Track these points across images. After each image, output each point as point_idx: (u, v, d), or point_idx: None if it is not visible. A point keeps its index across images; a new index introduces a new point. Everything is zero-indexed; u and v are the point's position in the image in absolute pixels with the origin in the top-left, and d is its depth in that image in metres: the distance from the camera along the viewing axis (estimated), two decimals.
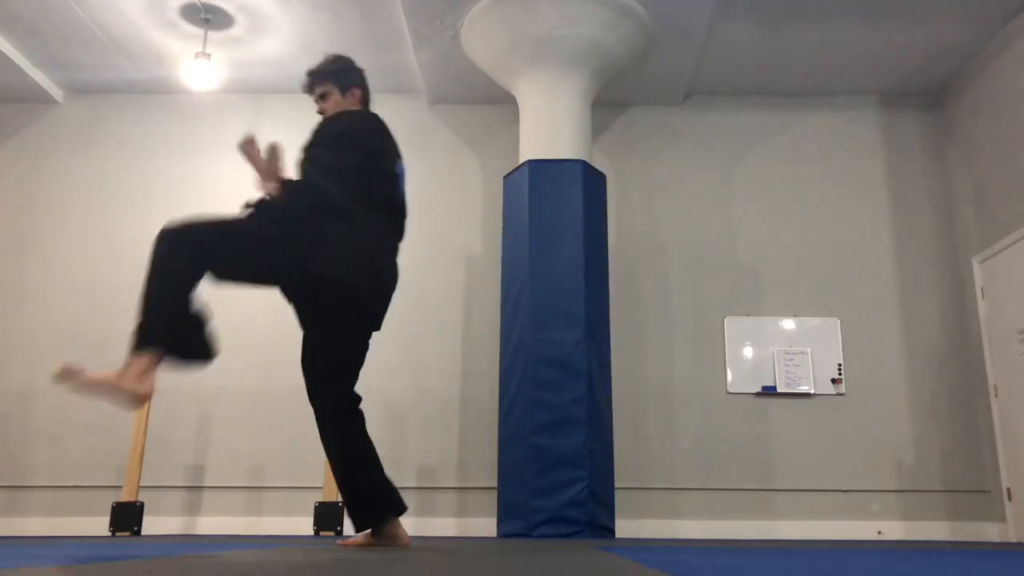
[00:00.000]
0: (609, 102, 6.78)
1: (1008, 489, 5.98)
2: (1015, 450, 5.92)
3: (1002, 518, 6.04)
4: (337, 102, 3.24)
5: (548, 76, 5.96)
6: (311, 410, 6.72)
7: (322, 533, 5.41)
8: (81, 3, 5.89)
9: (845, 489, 6.20)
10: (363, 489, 3.03)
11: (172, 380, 6.20)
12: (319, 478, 5.82)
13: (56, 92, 7.04)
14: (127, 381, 2.53)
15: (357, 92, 3.27)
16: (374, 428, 6.70)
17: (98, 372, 2.54)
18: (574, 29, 5.79)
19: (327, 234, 2.89)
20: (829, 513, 6.16)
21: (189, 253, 2.72)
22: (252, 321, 6.55)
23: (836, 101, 7.01)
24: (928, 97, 7.01)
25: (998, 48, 6.21)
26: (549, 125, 5.93)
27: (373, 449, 3.09)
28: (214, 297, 6.97)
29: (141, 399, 2.57)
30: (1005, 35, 6.11)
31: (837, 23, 6.07)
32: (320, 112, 3.25)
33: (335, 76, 3.25)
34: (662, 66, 6.43)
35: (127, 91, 7.05)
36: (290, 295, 3.12)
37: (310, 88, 3.26)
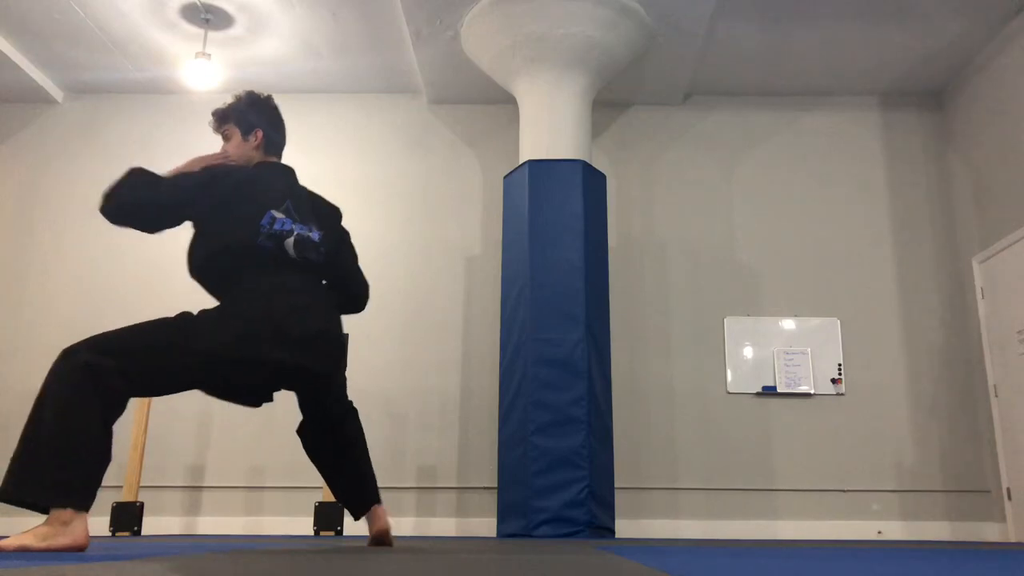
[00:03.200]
0: (609, 102, 6.79)
1: (1008, 489, 5.98)
2: (1015, 450, 5.92)
3: (1002, 518, 6.05)
4: (238, 144, 3.08)
5: (548, 76, 5.95)
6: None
7: (322, 533, 5.41)
8: (81, 3, 5.89)
9: (845, 489, 6.20)
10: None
11: None
12: (319, 478, 5.82)
13: (56, 92, 7.04)
14: (56, 540, 2.30)
15: (259, 134, 3.08)
16: (375, 428, 6.72)
17: (16, 539, 2.29)
18: (574, 29, 5.79)
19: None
20: (829, 513, 6.16)
21: None
22: None
23: (836, 101, 7.01)
24: (928, 97, 7.01)
25: (998, 48, 6.21)
26: (549, 125, 5.93)
27: None
28: (211, 297, 6.96)
29: (79, 549, 2.32)
30: (1005, 35, 6.11)
31: (837, 23, 6.07)
32: (222, 152, 3.10)
33: (237, 116, 3.09)
34: (662, 66, 6.43)
35: (127, 91, 7.05)
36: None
37: (216, 127, 3.11)
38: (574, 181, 5.73)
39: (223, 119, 3.09)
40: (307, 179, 7.14)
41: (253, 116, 3.08)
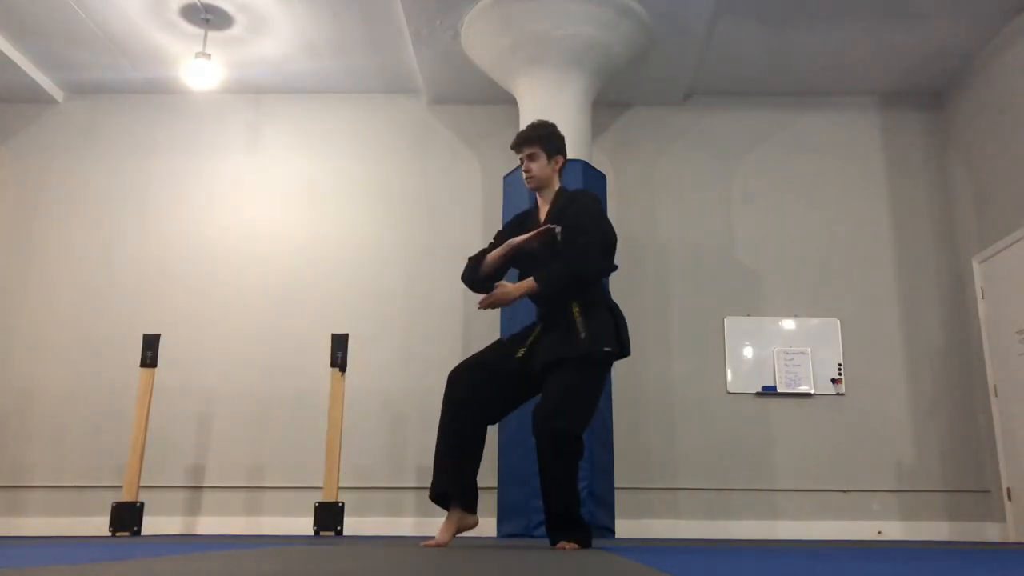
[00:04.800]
0: (609, 102, 6.77)
1: (1008, 489, 5.98)
2: (1015, 450, 5.92)
3: (1002, 518, 6.04)
4: (542, 166, 3.47)
5: (548, 76, 5.95)
6: (311, 410, 6.73)
7: (322, 533, 5.41)
8: (81, 3, 5.88)
9: (845, 489, 6.19)
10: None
11: (173, 379, 6.22)
12: (319, 478, 5.81)
13: (56, 92, 7.04)
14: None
15: (560, 160, 3.50)
16: (375, 427, 6.70)
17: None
18: (574, 29, 5.78)
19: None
20: (829, 513, 6.15)
21: None
22: (252, 322, 6.55)
23: (836, 101, 7.00)
24: (928, 97, 7.01)
25: (998, 48, 6.21)
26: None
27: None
28: (213, 298, 6.93)
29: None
30: (1005, 36, 6.10)
31: (837, 23, 6.06)
32: (525, 171, 3.50)
33: (544, 141, 3.49)
34: (662, 66, 6.42)
35: (127, 91, 7.04)
36: None
37: (519, 147, 3.48)
38: (574, 181, 5.70)
39: (528, 142, 3.48)
40: (307, 179, 7.14)
41: (556, 144, 3.51)
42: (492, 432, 5.93)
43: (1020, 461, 5.87)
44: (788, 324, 6.53)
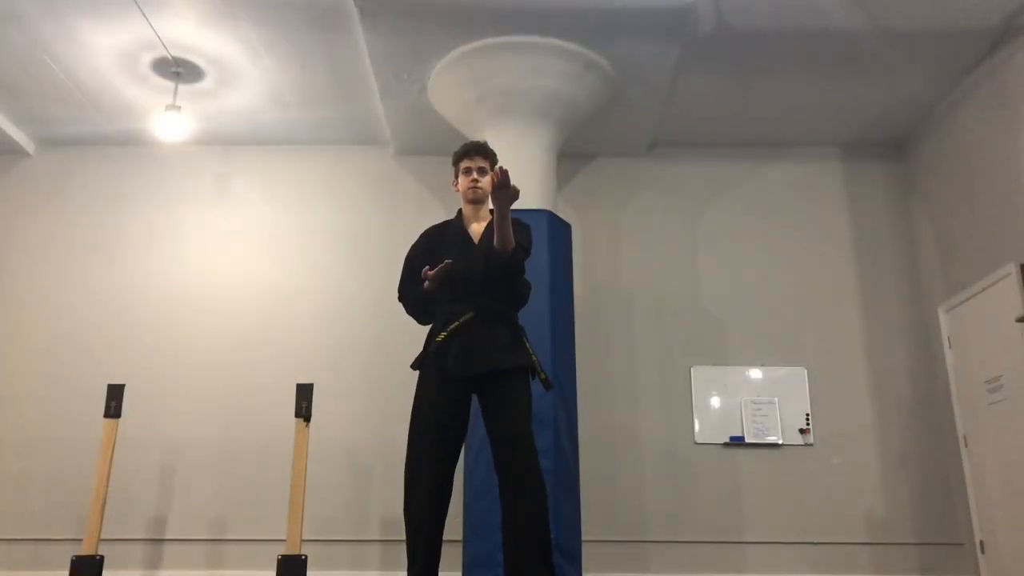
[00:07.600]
0: (574, 153, 6.83)
1: (981, 542, 5.90)
2: (987, 502, 5.85)
3: (975, 571, 5.95)
4: (488, 182, 3.52)
5: (514, 128, 6.00)
6: (275, 461, 6.65)
7: None
8: (55, 58, 5.95)
9: (815, 542, 6.11)
10: None
11: (135, 430, 6.16)
12: (282, 531, 5.73)
13: (28, 144, 7.08)
14: None
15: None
16: (339, 479, 6.58)
17: None
18: (539, 82, 5.85)
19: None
20: (799, 566, 6.06)
21: None
22: (216, 372, 6.52)
23: (799, 152, 7.07)
24: (890, 148, 7.08)
25: (957, 100, 6.28)
26: (515, 176, 5.87)
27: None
28: (177, 348, 6.84)
29: None
30: (965, 87, 6.18)
31: (797, 75, 6.14)
32: (474, 181, 3.55)
33: (493, 159, 3.64)
34: (627, 118, 6.50)
35: (98, 143, 7.10)
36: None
37: (473, 155, 3.57)
38: (539, 231, 5.71)
39: (484, 153, 3.62)
40: (275, 230, 7.13)
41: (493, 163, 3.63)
42: (457, 484, 5.88)
43: (992, 513, 5.79)
44: (755, 373, 6.50)
